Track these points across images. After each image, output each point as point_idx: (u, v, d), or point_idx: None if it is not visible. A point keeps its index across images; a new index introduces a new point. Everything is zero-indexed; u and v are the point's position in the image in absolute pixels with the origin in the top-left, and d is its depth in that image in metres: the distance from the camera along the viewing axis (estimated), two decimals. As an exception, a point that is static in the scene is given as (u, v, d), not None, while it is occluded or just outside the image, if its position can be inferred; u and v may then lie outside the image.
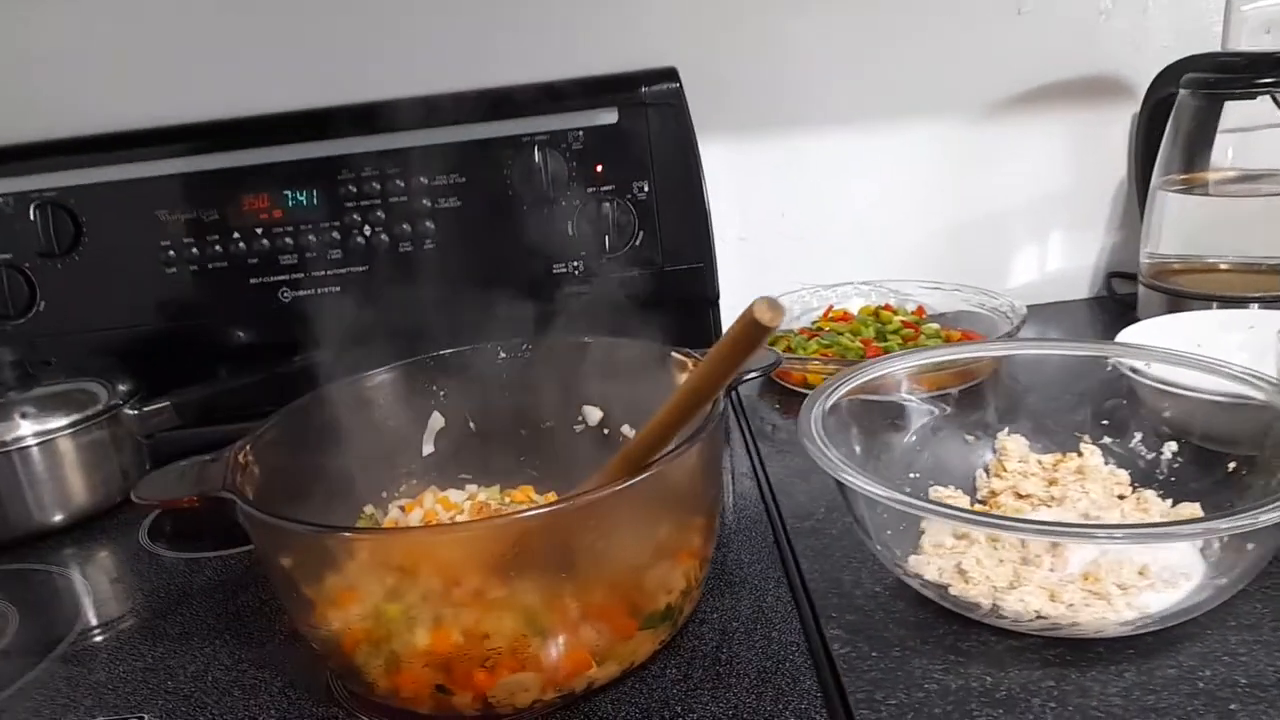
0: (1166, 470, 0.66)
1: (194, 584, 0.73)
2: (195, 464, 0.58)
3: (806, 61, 1.07)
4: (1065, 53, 1.06)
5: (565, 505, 0.50)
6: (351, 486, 0.71)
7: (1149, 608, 0.54)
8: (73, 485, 0.83)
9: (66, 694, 0.60)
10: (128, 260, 0.99)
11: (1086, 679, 0.52)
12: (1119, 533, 0.54)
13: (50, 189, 0.98)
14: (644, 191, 0.98)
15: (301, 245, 0.99)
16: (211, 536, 0.80)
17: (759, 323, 0.39)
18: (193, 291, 1.00)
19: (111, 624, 0.69)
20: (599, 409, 0.74)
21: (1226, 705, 0.49)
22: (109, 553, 0.80)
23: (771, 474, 0.79)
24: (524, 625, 0.51)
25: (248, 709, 0.57)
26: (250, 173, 0.98)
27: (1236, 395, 0.61)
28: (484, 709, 0.53)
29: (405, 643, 0.51)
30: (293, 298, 1.00)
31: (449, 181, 0.98)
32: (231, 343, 1.02)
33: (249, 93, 1.02)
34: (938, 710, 0.51)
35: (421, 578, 0.51)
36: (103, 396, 0.86)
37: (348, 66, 1.04)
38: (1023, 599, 0.55)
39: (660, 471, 0.51)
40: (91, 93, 1.04)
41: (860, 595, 0.61)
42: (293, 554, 0.53)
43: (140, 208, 0.98)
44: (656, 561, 0.54)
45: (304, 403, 0.67)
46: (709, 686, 0.54)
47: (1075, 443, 0.69)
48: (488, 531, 0.52)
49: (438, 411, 0.75)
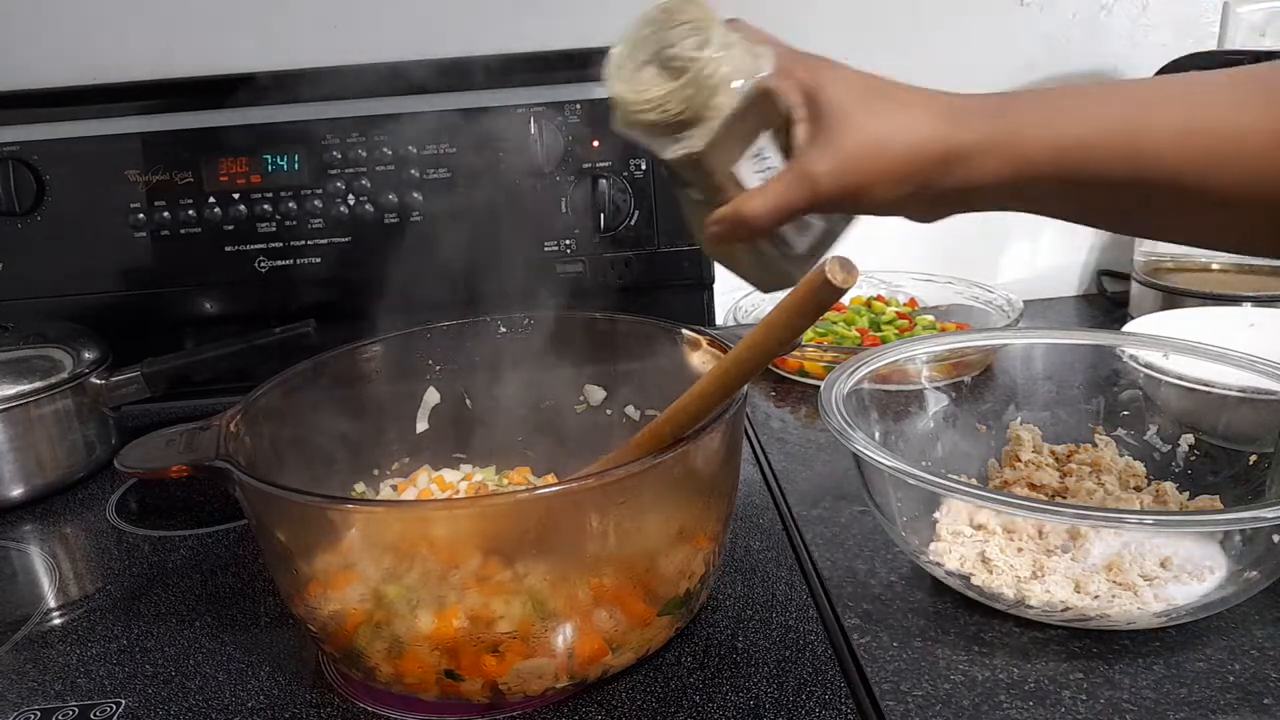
0: (1183, 463, 0.65)
1: (168, 563, 0.69)
2: (184, 432, 0.54)
3: (808, 43, 1.04)
4: (1065, 48, 1.06)
5: (594, 481, 0.47)
6: (341, 462, 0.67)
7: (1176, 600, 0.53)
8: (34, 457, 0.78)
9: (34, 677, 0.56)
10: (94, 222, 0.93)
11: (1115, 671, 0.51)
12: (1149, 519, 0.53)
13: (11, 143, 0.92)
14: (641, 170, 0.95)
15: (281, 213, 0.94)
16: (184, 514, 0.76)
17: (831, 284, 0.37)
18: (164, 257, 0.95)
19: (80, 604, 0.64)
20: (602, 389, 0.72)
21: (1260, 699, 0.48)
22: (74, 529, 0.75)
23: (773, 460, 0.77)
24: (538, 609, 0.48)
25: (234, 694, 0.53)
26: (228, 134, 0.94)
27: (1261, 390, 0.61)
28: (494, 696, 0.50)
29: (410, 626, 0.48)
30: (270, 267, 0.96)
31: (438, 151, 0.94)
32: (204, 312, 0.97)
33: (228, 49, 0.97)
34: (966, 702, 0.49)
35: (432, 556, 0.48)
36: (67, 364, 0.81)
37: (336, 27, 0.99)
38: (1048, 589, 0.54)
39: (692, 448, 0.49)
40: (59, 42, 0.98)
41: (876, 584, 0.60)
42: (293, 527, 0.50)
43: (109, 166, 0.93)
44: (679, 545, 0.52)
45: (294, 373, 0.63)
46: (728, 675, 0.52)
47: (1089, 434, 0.68)
48: (512, 507, 0.49)
49: (433, 387, 0.71)
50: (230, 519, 0.74)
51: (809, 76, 0.46)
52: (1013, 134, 0.43)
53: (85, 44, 0.98)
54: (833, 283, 0.37)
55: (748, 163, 0.47)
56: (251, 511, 0.52)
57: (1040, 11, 1.05)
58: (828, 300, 0.39)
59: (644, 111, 0.46)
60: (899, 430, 0.68)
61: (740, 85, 0.45)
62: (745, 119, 0.46)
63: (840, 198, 0.46)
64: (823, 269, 0.37)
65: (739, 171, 0.47)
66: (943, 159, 0.44)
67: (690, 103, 0.45)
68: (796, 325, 0.42)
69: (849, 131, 0.44)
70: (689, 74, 0.45)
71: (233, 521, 0.73)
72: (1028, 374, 0.71)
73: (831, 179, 0.45)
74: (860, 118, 0.44)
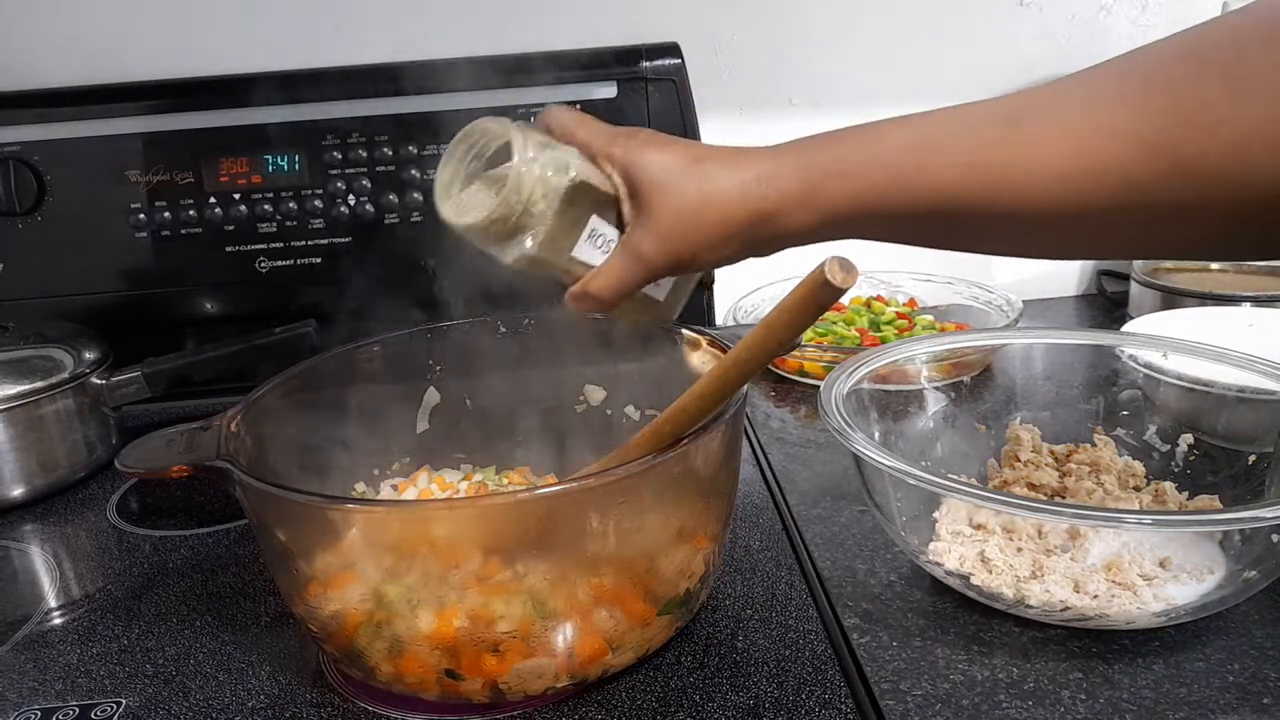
0: (1182, 463, 0.65)
1: (168, 563, 0.69)
2: (184, 431, 0.54)
3: (809, 44, 1.05)
4: (1065, 48, 1.06)
5: (594, 481, 0.48)
6: (341, 462, 0.67)
7: (1175, 599, 0.53)
8: (35, 457, 0.78)
9: (34, 677, 0.56)
10: (95, 222, 0.93)
11: (1114, 671, 0.51)
12: (1148, 519, 0.53)
13: (12, 143, 0.92)
14: (641, 170, 0.95)
15: (282, 213, 0.94)
16: (184, 514, 0.76)
17: (829, 284, 0.37)
18: (165, 258, 0.95)
19: (80, 603, 0.65)
20: (602, 389, 0.72)
21: (1259, 699, 0.48)
22: (75, 529, 0.75)
23: (773, 460, 0.78)
24: (538, 609, 0.48)
25: (235, 693, 0.53)
26: (229, 134, 0.94)
27: (1260, 390, 0.61)
28: (494, 695, 0.50)
29: (410, 625, 0.49)
30: (271, 267, 0.96)
31: (439, 151, 0.93)
32: (205, 312, 0.97)
33: (229, 49, 0.97)
34: (965, 701, 0.49)
35: (432, 556, 0.48)
36: (68, 364, 0.81)
37: (336, 28, 0.99)
38: (1048, 589, 0.54)
39: (693, 447, 0.49)
40: (60, 42, 0.98)
41: (876, 584, 0.60)
42: (293, 527, 0.50)
43: (109, 166, 0.93)
44: (679, 545, 0.52)
45: (294, 373, 0.63)
46: (727, 675, 0.52)
47: (1088, 434, 0.68)
48: (512, 507, 0.49)
49: (433, 387, 0.71)
50: (230, 519, 0.74)
51: (625, 155, 0.49)
52: (813, 190, 0.46)
53: (86, 44, 0.98)
54: (832, 283, 0.37)
55: (585, 244, 0.50)
56: (252, 511, 0.52)
57: (1040, 11, 1.05)
58: (827, 301, 0.39)
59: (472, 231, 0.50)
60: (898, 430, 0.68)
61: (555, 187, 0.48)
62: (568, 213, 0.49)
63: (673, 266, 0.50)
64: (822, 269, 0.37)
65: (579, 254, 0.51)
66: (755, 220, 0.47)
67: (512, 215, 0.49)
68: (797, 325, 0.42)
69: (664, 208, 0.48)
70: (504, 191, 0.48)
71: (233, 521, 0.73)
72: (1027, 374, 0.71)
73: (657, 254, 0.48)
74: (673, 194, 0.47)
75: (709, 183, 0.47)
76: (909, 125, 0.45)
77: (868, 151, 0.45)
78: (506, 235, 0.50)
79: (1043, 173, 0.41)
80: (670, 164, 0.48)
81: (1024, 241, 0.46)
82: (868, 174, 0.45)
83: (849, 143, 0.46)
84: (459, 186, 0.52)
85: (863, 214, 0.46)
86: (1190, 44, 0.39)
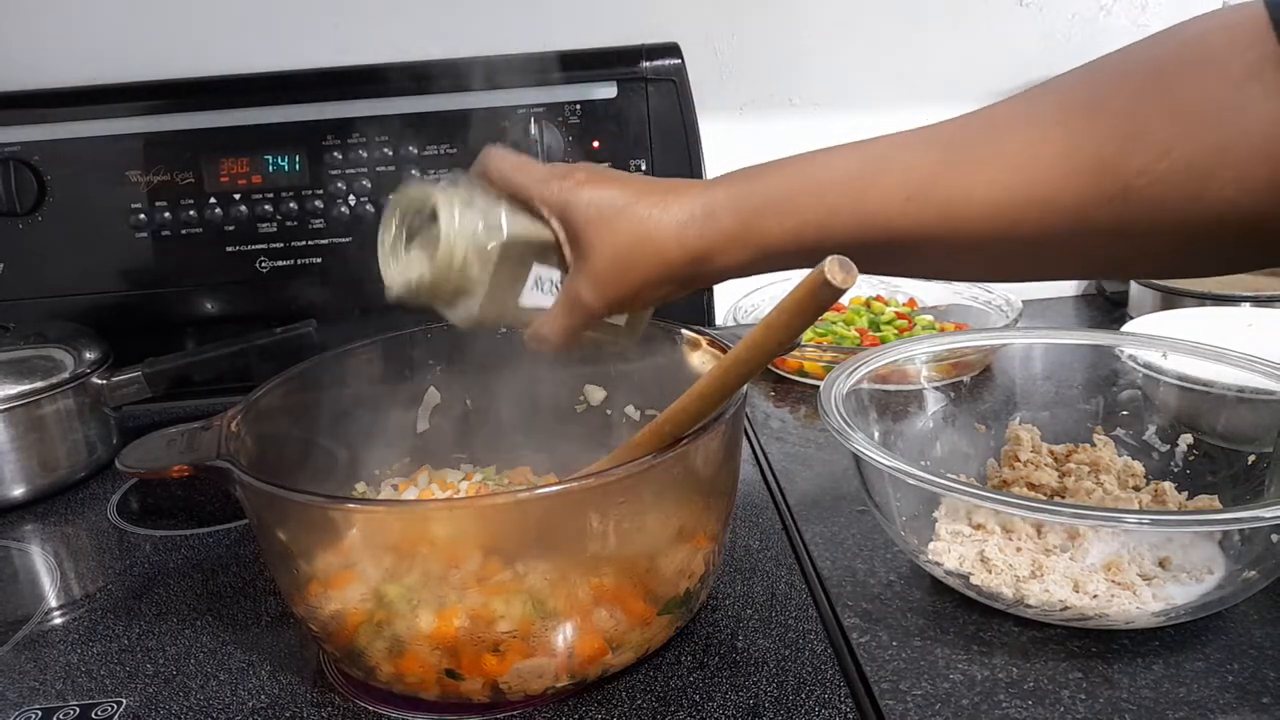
0: (1182, 463, 0.65)
1: (169, 563, 0.69)
2: (185, 431, 0.54)
3: (809, 44, 1.05)
4: (1065, 48, 1.06)
5: (594, 481, 0.48)
6: (341, 462, 0.67)
7: (1175, 599, 0.53)
8: (35, 457, 0.78)
9: (35, 677, 0.56)
10: (95, 222, 0.94)
11: (1114, 671, 0.51)
12: (1147, 519, 0.53)
13: (12, 143, 0.92)
14: (641, 169, 0.95)
15: (282, 213, 0.94)
16: (185, 514, 0.76)
17: (829, 284, 0.37)
18: (165, 258, 0.95)
19: (81, 603, 0.65)
20: (602, 389, 0.72)
21: (1259, 699, 0.48)
22: (75, 529, 0.76)
23: (773, 460, 0.78)
24: (538, 609, 0.49)
25: (235, 694, 0.54)
26: (229, 134, 0.94)
27: (1259, 390, 0.61)
28: (494, 695, 0.50)
29: (410, 625, 0.49)
30: (271, 268, 0.96)
31: (440, 152, 0.94)
32: (205, 313, 0.97)
33: (229, 49, 0.97)
34: (965, 701, 0.49)
35: (432, 556, 0.48)
36: (69, 364, 0.81)
37: (335, 28, 0.99)
38: (1047, 589, 0.54)
39: (693, 447, 0.49)
40: (60, 42, 0.98)
41: (875, 584, 0.60)
42: (293, 527, 0.50)
43: (110, 167, 0.93)
44: (679, 544, 0.52)
45: (294, 373, 0.63)
46: (727, 674, 0.52)
47: (1088, 434, 0.68)
48: (512, 507, 0.49)
49: (433, 387, 0.71)
50: (230, 519, 0.74)
51: (560, 197, 0.49)
52: (748, 228, 0.46)
53: (86, 44, 0.98)
54: (832, 283, 0.37)
55: (532, 293, 0.51)
56: (252, 511, 0.52)
57: (1040, 11, 1.05)
58: (827, 301, 0.39)
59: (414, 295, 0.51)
60: (898, 430, 0.68)
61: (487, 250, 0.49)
62: (505, 270, 0.50)
63: (613, 309, 0.50)
64: (822, 269, 0.37)
65: (527, 302, 0.52)
66: (692, 260, 0.47)
67: (449, 281, 0.49)
68: (796, 326, 0.42)
69: (603, 250, 0.48)
70: (437, 258, 0.49)
71: (233, 521, 0.73)
72: (1026, 374, 0.72)
73: (596, 300, 0.49)
74: (608, 235, 0.47)
75: (644, 223, 0.47)
76: (848, 155, 0.45)
77: (806, 186, 0.45)
78: (449, 297, 0.51)
79: (984, 202, 0.41)
80: (605, 204, 0.48)
81: (969, 268, 0.46)
82: (805, 210, 0.45)
83: (786, 174, 0.46)
84: (399, 249, 0.52)
85: (803, 248, 0.46)
86: (1122, 66, 0.40)
